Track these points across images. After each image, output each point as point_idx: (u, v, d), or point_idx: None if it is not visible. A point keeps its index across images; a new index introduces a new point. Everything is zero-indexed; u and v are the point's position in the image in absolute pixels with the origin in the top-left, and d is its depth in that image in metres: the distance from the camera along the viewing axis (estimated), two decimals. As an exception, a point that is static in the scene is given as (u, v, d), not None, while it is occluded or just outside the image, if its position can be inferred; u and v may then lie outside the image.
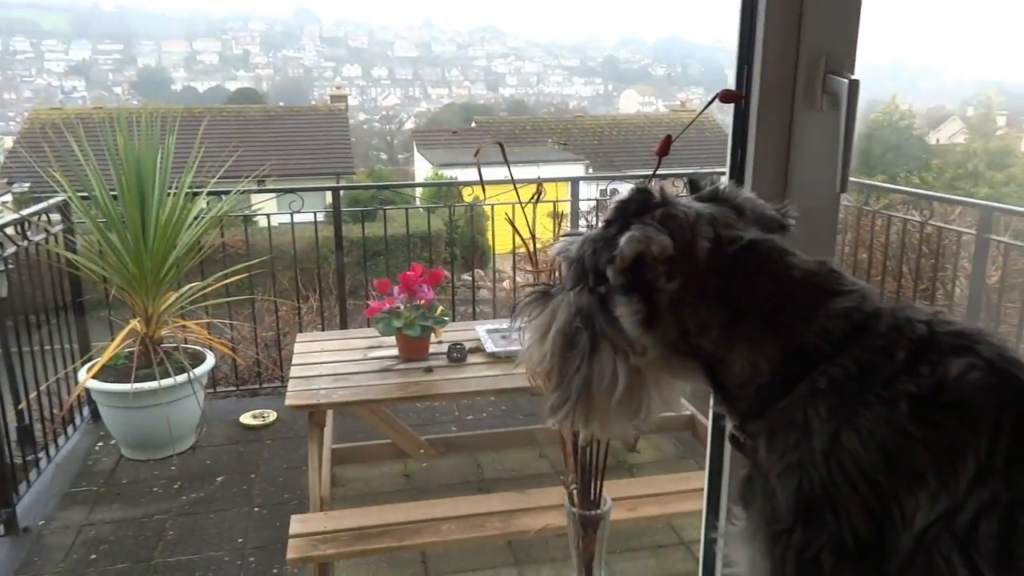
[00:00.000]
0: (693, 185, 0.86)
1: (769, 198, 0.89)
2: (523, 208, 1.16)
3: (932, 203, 4.44)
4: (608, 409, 0.83)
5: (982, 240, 3.91)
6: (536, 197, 1.08)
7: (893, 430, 0.68)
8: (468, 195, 5.70)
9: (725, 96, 0.99)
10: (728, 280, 0.77)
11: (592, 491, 1.16)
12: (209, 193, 4.11)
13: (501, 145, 1.08)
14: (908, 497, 0.67)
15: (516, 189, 1.16)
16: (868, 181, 5.09)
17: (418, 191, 9.31)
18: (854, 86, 1.00)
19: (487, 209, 5.43)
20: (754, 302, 0.77)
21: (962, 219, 4.44)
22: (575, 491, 1.16)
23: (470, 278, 6.71)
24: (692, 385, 0.87)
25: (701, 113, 1.01)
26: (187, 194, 3.90)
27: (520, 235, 1.19)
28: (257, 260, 4.28)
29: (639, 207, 0.79)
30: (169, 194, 3.84)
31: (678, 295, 0.77)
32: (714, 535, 1.04)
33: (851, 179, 1.03)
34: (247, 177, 4.24)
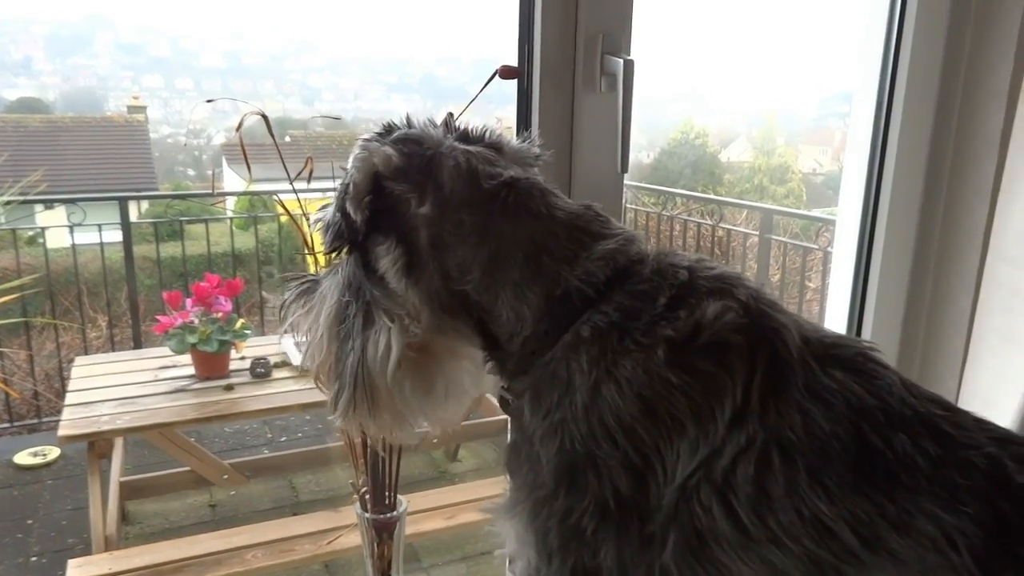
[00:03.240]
0: (447, 126, 0.81)
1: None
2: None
3: (723, 209, 4.87)
4: (390, 389, 0.76)
5: (765, 240, 4.29)
6: (308, 176, 1.00)
7: (651, 378, 0.65)
8: (282, 212, 5.41)
9: (505, 72, 0.96)
10: (488, 217, 0.73)
11: (386, 493, 1.08)
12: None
13: (264, 117, 0.99)
14: (668, 448, 0.65)
15: (298, 197, 1.08)
16: (668, 189, 5.44)
17: (230, 204, 8.73)
18: (629, 66, 1.01)
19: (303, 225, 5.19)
20: (516, 241, 0.73)
21: (748, 223, 4.85)
22: (366, 495, 1.09)
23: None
24: (473, 349, 0.81)
25: (481, 91, 0.98)
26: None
27: (301, 231, 1.11)
28: (29, 278, 3.81)
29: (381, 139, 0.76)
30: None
31: (435, 233, 0.73)
32: None
33: (653, 187, 1.05)
34: (15, 190, 3.78)
